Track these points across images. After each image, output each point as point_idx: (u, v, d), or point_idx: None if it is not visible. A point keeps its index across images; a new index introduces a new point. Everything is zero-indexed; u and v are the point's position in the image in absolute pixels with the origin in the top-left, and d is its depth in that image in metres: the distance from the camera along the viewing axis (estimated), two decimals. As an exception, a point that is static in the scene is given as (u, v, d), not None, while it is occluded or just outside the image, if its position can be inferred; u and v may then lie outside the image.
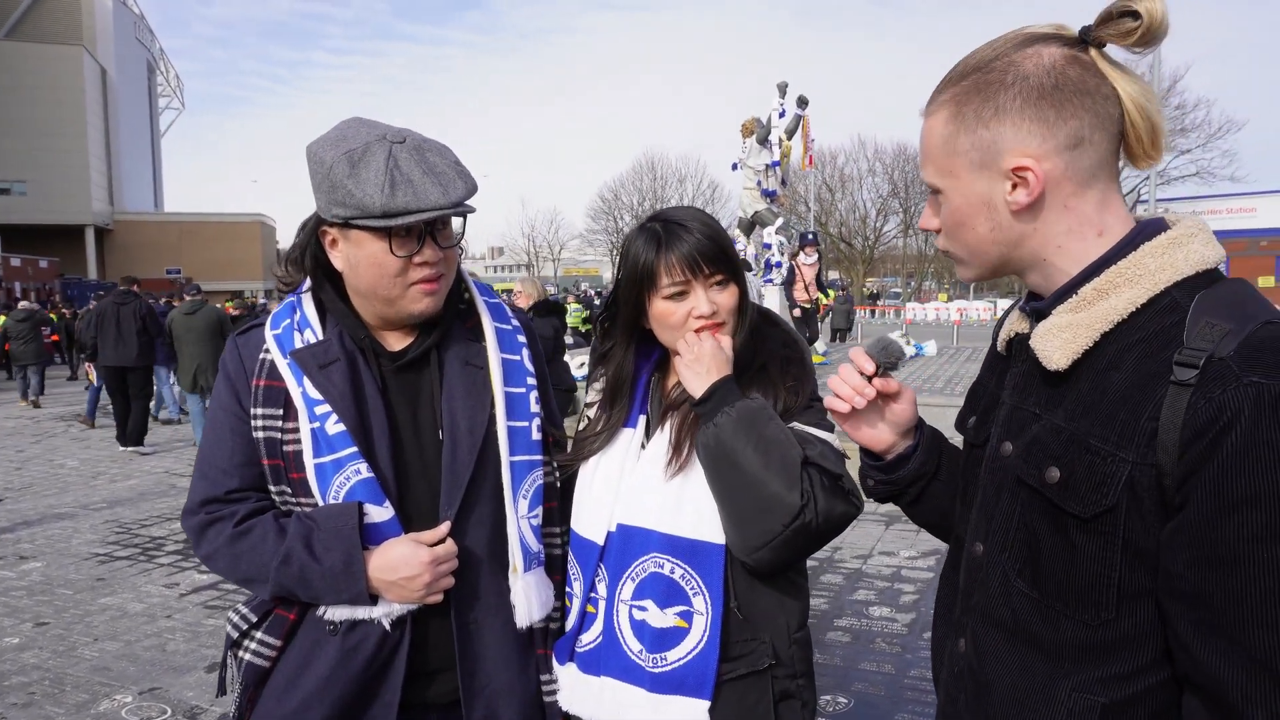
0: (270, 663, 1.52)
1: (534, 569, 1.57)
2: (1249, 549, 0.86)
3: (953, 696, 1.20)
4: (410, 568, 1.43)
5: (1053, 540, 1.03)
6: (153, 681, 4.15)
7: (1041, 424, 1.07)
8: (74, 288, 31.55)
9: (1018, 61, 1.02)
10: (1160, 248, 1.01)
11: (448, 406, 1.55)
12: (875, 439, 1.35)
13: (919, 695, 3.86)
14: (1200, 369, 0.90)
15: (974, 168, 1.06)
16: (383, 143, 1.41)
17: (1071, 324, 1.03)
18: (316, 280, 1.57)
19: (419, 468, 1.54)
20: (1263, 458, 0.85)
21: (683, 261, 1.51)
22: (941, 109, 1.08)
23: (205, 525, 1.52)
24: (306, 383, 1.49)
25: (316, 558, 1.44)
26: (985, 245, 1.10)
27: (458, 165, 1.48)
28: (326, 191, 1.43)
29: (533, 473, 1.59)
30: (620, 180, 59.06)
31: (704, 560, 1.48)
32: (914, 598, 5.07)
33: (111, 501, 7.94)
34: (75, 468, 9.62)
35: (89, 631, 4.81)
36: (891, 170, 53.65)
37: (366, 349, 1.55)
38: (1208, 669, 0.89)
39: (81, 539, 6.71)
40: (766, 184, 12.95)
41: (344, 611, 1.47)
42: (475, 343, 1.62)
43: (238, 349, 1.58)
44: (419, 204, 1.39)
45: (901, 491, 1.37)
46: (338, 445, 1.46)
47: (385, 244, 1.43)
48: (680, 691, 1.47)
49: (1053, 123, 1.01)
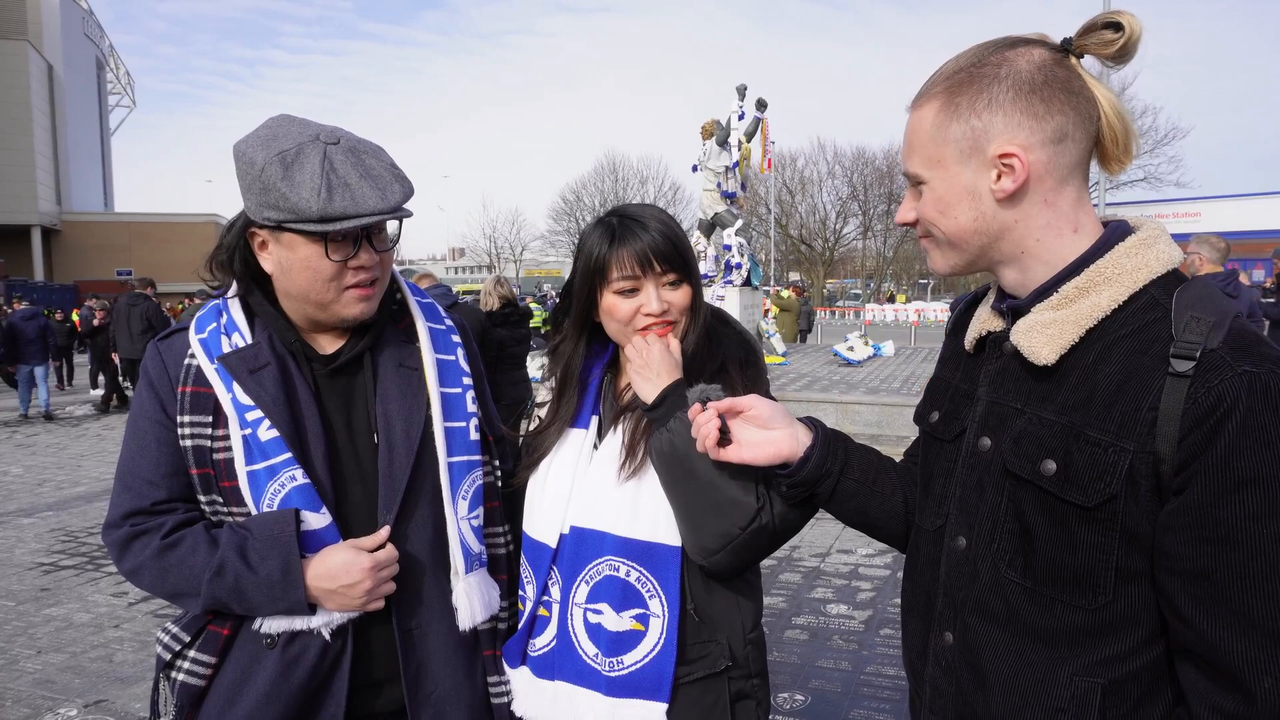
0: (206, 681, 1.46)
1: (476, 570, 1.55)
2: (1250, 526, 0.93)
3: (942, 689, 1.22)
4: (350, 575, 1.40)
5: (1049, 530, 1.07)
6: (99, 694, 4.05)
7: (1027, 418, 1.11)
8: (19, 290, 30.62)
9: (1010, 58, 1.08)
10: (1134, 248, 1.08)
11: (382, 409, 1.52)
12: (763, 451, 1.35)
13: (875, 691, 3.91)
14: (1197, 360, 0.96)
15: (962, 156, 1.10)
16: (316, 144, 1.38)
17: (1056, 320, 1.08)
18: (244, 283, 1.53)
19: (355, 473, 1.51)
20: (1260, 440, 0.92)
21: (634, 257, 1.51)
22: (933, 100, 1.12)
23: (129, 539, 1.46)
24: (236, 388, 1.45)
25: (252, 567, 1.39)
26: (967, 234, 1.14)
27: (394, 168, 1.45)
28: (258, 194, 1.38)
29: (472, 473, 1.57)
30: (582, 181, 59.06)
31: (660, 563, 1.48)
32: (871, 595, 5.12)
33: (58, 509, 7.72)
34: (19, 475, 9.34)
35: (32, 644, 4.67)
36: (851, 173, 54.35)
37: (298, 352, 1.52)
38: (1211, 640, 0.96)
39: (25, 548, 6.51)
40: (726, 186, 13.04)
41: (281, 623, 1.43)
42: (409, 344, 1.59)
43: (160, 355, 1.52)
44: (357, 209, 1.36)
45: (812, 492, 1.39)
46: (271, 452, 1.42)
47: (320, 248, 1.40)
48: (638, 694, 1.46)
49: (1041, 115, 1.06)
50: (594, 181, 57.71)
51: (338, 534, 1.45)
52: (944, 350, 1.39)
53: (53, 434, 11.87)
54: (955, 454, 1.23)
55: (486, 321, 6.36)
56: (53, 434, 11.87)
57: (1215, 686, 0.97)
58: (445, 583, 1.53)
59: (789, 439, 1.35)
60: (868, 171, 53.73)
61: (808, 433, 1.37)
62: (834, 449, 1.37)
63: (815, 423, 1.40)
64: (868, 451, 1.44)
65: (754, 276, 13.58)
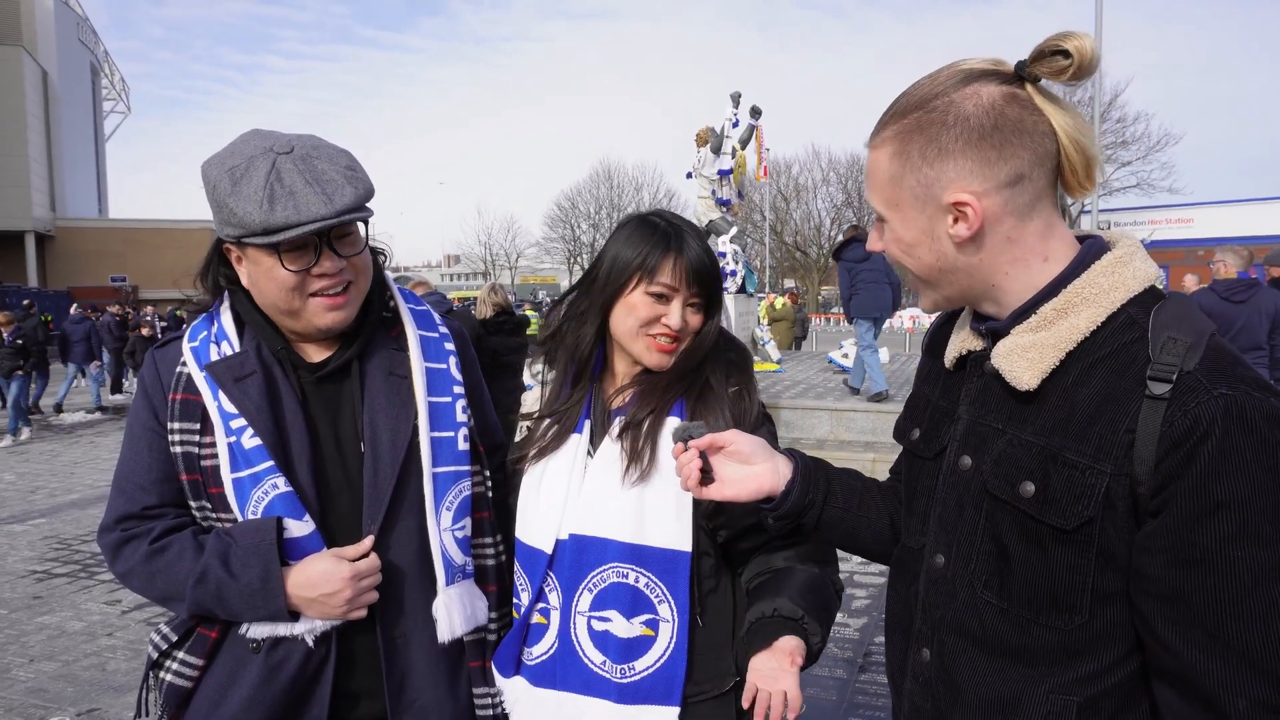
0: (193, 683, 1.48)
1: (459, 582, 1.54)
2: (1225, 549, 0.93)
3: (919, 705, 1.22)
4: (330, 584, 1.40)
5: (1025, 551, 1.06)
6: (91, 702, 4.03)
7: (1007, 439, 1.10)
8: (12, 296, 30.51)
9: (958, 101, 1.06)
10: (1109, 267, 1.07)
11: (369, 418, 1.52)
12: (745, 488, 1.35)
13: (869, 700, 3.91)
14: (1174, 383, 0.96)
15: (918, 202, 1.10)
16: (268, 155, 1.37)
17: (1035, 344, 1.07)
18: (233, 292, 1.54)
19: (342, 481, 1.51)
20: (1236, 464, 0.92)
21: (686, 268, 1.52)
22: (886, 144, 1.12)
23: (121, 542, 1.48)
24: (222, 396, 1.46)
25: (233, 575, 1.40)
26: (933, 272, 1.14)
27: (350, 170, 1.42)
28: (215, 211, 1.40)
29: (459, 483, 1.56)
30: (577, 188, 59.14)
31: (669, 568, 1.48)
32: (865, 603, 5.13)
33: (51, 516, 7.70)
34: (12, 482, 9.30)
35: (24, 652, 4.66)
36: (845, 180, 54.32)
37: (285, 360, 1.52)
38: (1187, 662, 0.96)
39: (18, 556, 6.49)
40: (721, 193, 13.06)
41: (265, 628, 1.44)
42: (399, 352, 1.58)
43: (155, 363, 1.54)
44: (299, 217, 1.34)
45: (798, 523, 1.39)
46: (254, 459, 1.43)
47: (277, 260, 1.39)
48: (650, 700, 1.47)
49: (994, 162, 1.05)
50: (589, 188, 57.86)
51: (321, 542, 1.45)
52: (921, 367, 1.39)
53: (46, 441, 11.82)
54: (936, 472, 1.23)
55: (480, 329, 6.36)
56: (46, 441, 11.82)
57: (1191, 708, 0.97)
58: (431, 593, 1.53)
59: (770, 473, 1.35)
60: (862, 178, 53.54)
61: (789, 465, 1.37)
62: (816, 479, 1.38)
63: (796, 454, 1.41)
64: (851, 476, 1.45)
65: (749, 283, 13.59)
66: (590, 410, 1.61)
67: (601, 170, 58.95)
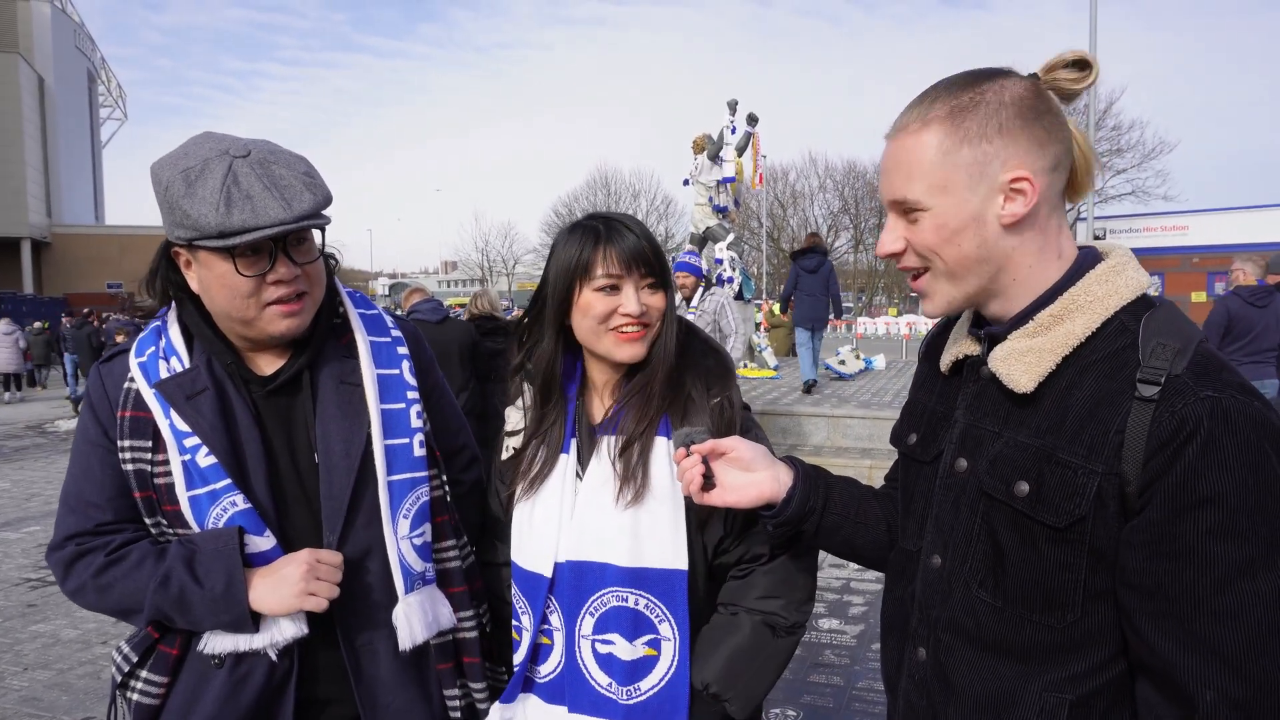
0: (160, 700, 1.47)
1: (419, 589, 1.53)
2: (1204, 542, 0.95)
3: (914, 704, 1.24)
4: (288, 566, 1.40)
5: (1020, 550, 1.09)
6: (86, 710, 4.01)
7: (1003, 441, 1.13)
8: (9, 303, 30.45)
9: (1005, 85, 1.09)
10: (1104, 275, 1.11)
11: (322, 430, 1.50)
12: (746, 494, 1.37)
13: (866, 706, 3.91)
14: (1162, 385, 0.99)
15: (971, 180, 1.09)
16: (223, 158, 1.35)
17: (1032, 348, 1.10)
18: (180, 303, 1.50)
19: (299, 494, 1.49)
20: (1220, 462, 0.96)
21: (620, 256, 1.50)
22: (936, 123, 1.10)
23: (75, 558, 1.46)
24: (174, 414, 1.43)
25: (198, 579, 1.39)
26: (970, 263, 1.13)
27: (308, 176, 1.41)
28: (166, 212, 1.37)
29: (415, 490, 1.55)
30: (574, 195, 59.04)
31: (668, 588, 1.48)
32: (863, 609, 5.12)
33: (45, 524, 7.66)
34: (7, 489, 9.28)
35: (18, 660, 4.64)
36: (842, 187, 54.57)
37: (235, 375, 1.49)
38: (1162, 654, 0.98)
39: (12, 564, 6.47)
40: (718, 200, 13.09)
41: (226, 642, 1.43)
42: (350, 359, 1.55)
43: (101, 378, 1.50)
44: (256, 221, 1.32)
45: (798, 530, 1.41)
46: (210, 478, 1.41)
47: (231, 264, 1.37)
48: (657, 719, 1.48)
49: (1044, 143, 1.09)
50: (586, 195, 57.83)
51: (282, 555, 1.45)
52: (918, 374, 1.41)
53: (41, 448, 11.79)
54: (933, 475, 1.25)
55: (476, 334, 6.37)
56: (41, 448, 11.79)
57: (1162, 699, 1.00)
58: (394, 600, 1.52)
59: (771, 480, 1.37)
60: (859, 185, 53.93)
61: (789, 472, 1.39)
62: (816, 486, 1.40)
63: (795, 461, 1.43)
64: (848, 484, 1.47)
65: (746, 290, 13.61)
66: (574, 428, 1.59)
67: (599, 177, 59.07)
